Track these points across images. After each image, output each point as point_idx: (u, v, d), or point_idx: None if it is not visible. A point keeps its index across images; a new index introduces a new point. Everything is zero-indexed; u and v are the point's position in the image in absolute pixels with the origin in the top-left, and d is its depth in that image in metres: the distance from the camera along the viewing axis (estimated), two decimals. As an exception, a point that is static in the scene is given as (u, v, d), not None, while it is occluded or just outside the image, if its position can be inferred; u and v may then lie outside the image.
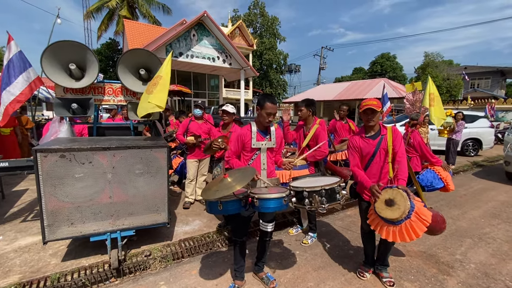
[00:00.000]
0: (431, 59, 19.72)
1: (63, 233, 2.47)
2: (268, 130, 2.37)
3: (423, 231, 1.97)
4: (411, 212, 1.94)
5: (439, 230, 2.48)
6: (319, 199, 1.96)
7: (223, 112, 3.65)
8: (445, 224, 2.50)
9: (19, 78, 3.28)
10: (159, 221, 2.81)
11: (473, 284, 2.46)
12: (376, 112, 2.21)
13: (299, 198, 2.02)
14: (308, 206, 1.98)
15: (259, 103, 2.28)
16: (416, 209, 1.96)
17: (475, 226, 3.71)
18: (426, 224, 1.97)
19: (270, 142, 2.35)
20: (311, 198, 1.98)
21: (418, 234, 1.96)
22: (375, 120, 2.25)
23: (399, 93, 15.93)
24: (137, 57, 3.22)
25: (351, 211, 4.24)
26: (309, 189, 1.98)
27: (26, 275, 2.45)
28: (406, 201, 1.93)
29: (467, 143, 9.11)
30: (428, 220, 1.97)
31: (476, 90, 24.51)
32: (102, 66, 24.65)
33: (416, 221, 1.96)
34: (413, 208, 1.95)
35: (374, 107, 2.18)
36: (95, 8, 22.50)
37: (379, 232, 2.15)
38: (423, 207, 2.06)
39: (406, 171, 2.18)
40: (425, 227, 1.97)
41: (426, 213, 2.01)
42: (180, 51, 12.01)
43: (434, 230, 2.47)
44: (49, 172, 2.32)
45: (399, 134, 2.27)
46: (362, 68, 41.02)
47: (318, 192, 1.97)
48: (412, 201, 1.97)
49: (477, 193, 5.29)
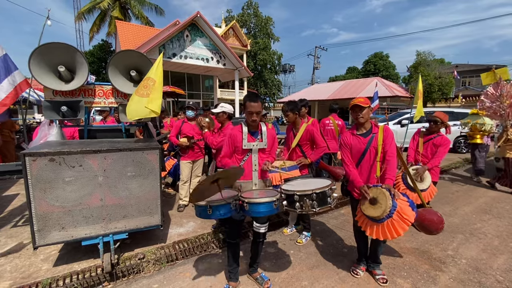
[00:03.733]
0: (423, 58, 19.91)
1: (54, 238, 2.43)
2: (260, 130, 2.32)
3: (405, 230, 2.02)
4: (393, 211, 2.00)
5: (435, 230, 2.42)
6: (310, 203, 1.94)
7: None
8: (443, 225, 2.41)
9: (4, 82, 3.23)
10: (153, 223, 2.79)
11: (465, 279, 2.49)
12: (363, 108, 2.24)
13: (290, 201, 2.00)
14: (299, 210, 1.96)
15: (243, 104, 2.25)
16: (399, 209, 2.02)
17: (467, 222, 3.77)
18: (408, 223, 2.02)
19: (261, 143, 2.30)
20: (302, 202, 1.95)
21: (400, 232, 2.01)
22: (365, 117, 2.28)
23: (392, 91, 16.10)
24: (128, 59, 3.19)
25: (345, 210, 4.27)
26: (300, 192, 1.95)
27: (17, 281, 2.41)
28: (388, 200, 1.98)
29: (459, 140, 9.26)
30: (410, 219, 2.03)
31: (467, 88, 24.90)
32: (94, 68, 24.36)
33: (398, 220, 2.02)
34: (394, 207, 2.00)
35: (361, 103, 2.22)
36: (87, 9, 22.25)
37: (364, 229, 2.22)
38: (408, 207, 2.09)
39: (395, 171, 2.21)
40: (407, 226, 2.02)
41: (409, 213, 2.05)
42: (173, 52, 11.94)
43: (430, 229, 2.44)
44: (38, 176, 2.28)
45: (390, 133, 2.29)
46: (356, 68, 41.25)
47: (309, 196, 1.95)
48: (395, 201, 2.01)
49: (469, 189, 5.37)
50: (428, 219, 2.41)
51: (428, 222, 2.40)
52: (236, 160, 2.34)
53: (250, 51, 25.10)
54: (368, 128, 2.34)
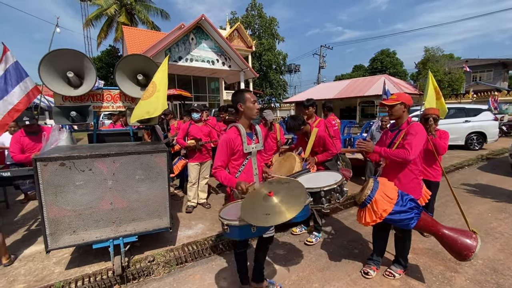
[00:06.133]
0: (432, 54, 19.50)
1: (65, 241, 2.46)
2: (253, 130, 2.16)
3: (372, 220, 2.08)
4: (368, 201, 2.09)
5: (458, 254, 2.14)
6: (336, 196, 2.13)
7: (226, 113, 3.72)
8: (467, 253, 2.07)
9: (16, 88, 3.31)
10: (161, 226, 2.80)
11: (482, 280, 2.41)
12: (393, 106, 2.32)
13: (316, 198, 2.11)
14: (327, 205, 2.10)
15: (238, 100, 2.04)
16: (373, 200, 2.07)
17: (482, 221, 3.66)
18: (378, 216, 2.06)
19: (258, 144, 2.15)
20: (329, 196, 2.11)
21: (367, 220, 2.10)
22: (394, 114, 2.34)
23: (400, 88, 15.85)
24: (134, 63, 3.23)
25: (355, 210, 4.20)
26: (326, 188, 2.10)
27: (31, 284, 2.45)
28: (368, 190, 2.11)
29: (471, 137, 9.01)
30: (379, 213, 2.05)
31: (478, 83, 24.28)
32: (103, 73, 24.85)
33: (370, 209, 2.09)
34: (370, 197, 2.09)
35: (384, 101, 2.37)
36: (94, 16, 22.74)
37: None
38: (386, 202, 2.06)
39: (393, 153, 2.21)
40: (377, 218, 2.06)
41: (380, 207, 2.06)
42: (179, 55, 12.06)
43: (454, 253, 2.18)
44: (50, 180, 2.32)
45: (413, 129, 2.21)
46: (362, 66, 40.86)
47: (334, 189, 2.12)
48: (375, 192, 2.08)
49: (483, 187, 5.22)
50: (453, 243, 2.15)
51: (453, 246, 2.16)
52: (233, 166, 2.10)
53: (255, 52, 25.13)
54: (400, 124, 2.36)
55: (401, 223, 2.11)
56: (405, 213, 2.08)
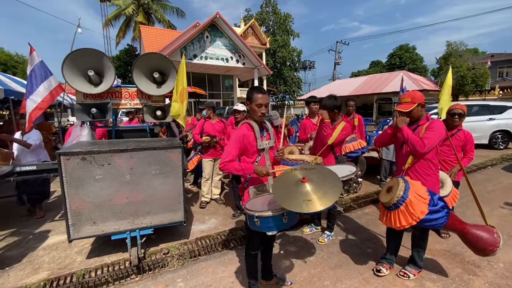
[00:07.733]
0: (454, 48, 18.57)
1: (86, 232, 2.59)
2: (265, 127, 2.15)
3: (409, 222, 1.98)
4: (401, 202, 1.98)
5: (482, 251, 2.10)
6: (354, 186, 2.18)
7: (234, 111, 3.84)
8: (492, 248, 2.03)
9: (40, 87, 3.49)
10: (176, 220, 2.89)
11: (502, 284, 2.31)
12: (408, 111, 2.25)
13: None
14: (346, 194, 2.18)
15: (248, 98, 2.03)
16: (408, 201, 1.97)
17: (505, 223, 3.49)
18: (414, 218, 1.96)
19: (270, 141, 2.13)
20: (347, 185, 2.15)
21: (402, 223, 2.00)
22: (414, 116, 2.28)
23: (419, 85, 15.27)
24: (150, 61, 3.31)
25: (369, 209, 4.13)
26: (344, 178, 2.12)
27: (54, 272, 2.60)
28: (400, 191, 2.00)
29: (496, 136, 8.58)
30: (417, 215, 1.95)
31: (505, 79, 22.98)
32: (121, 72, 25.57)
33: (404, 212, 1.99)
34: (404, 198, 1.98)
35: (401, 108, 2.27)
36: (113, 16, 23.39)
37: (380, 216, 2.30)
38: (421, 203, 1.97)
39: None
40: (413, 220, 1.97)
41: (417, 209, 1.96)
42: (194, 53, 12.21)
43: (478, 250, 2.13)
44: (72, 174, 2.44)
45: (432, 125, 2.16)
46: (380, 61, 39.67)
47: (352, 179, 2.17)
48: (408, 193, 1.99)
49: (507, 188, 4.97)
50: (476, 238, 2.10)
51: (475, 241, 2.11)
52: (246, 163, 2.08)
53: (269, 49, 24.99)
54: (419, 120, 2.30)
55: (431, 223, 2.03)
56: (437, 212, 2.01)
